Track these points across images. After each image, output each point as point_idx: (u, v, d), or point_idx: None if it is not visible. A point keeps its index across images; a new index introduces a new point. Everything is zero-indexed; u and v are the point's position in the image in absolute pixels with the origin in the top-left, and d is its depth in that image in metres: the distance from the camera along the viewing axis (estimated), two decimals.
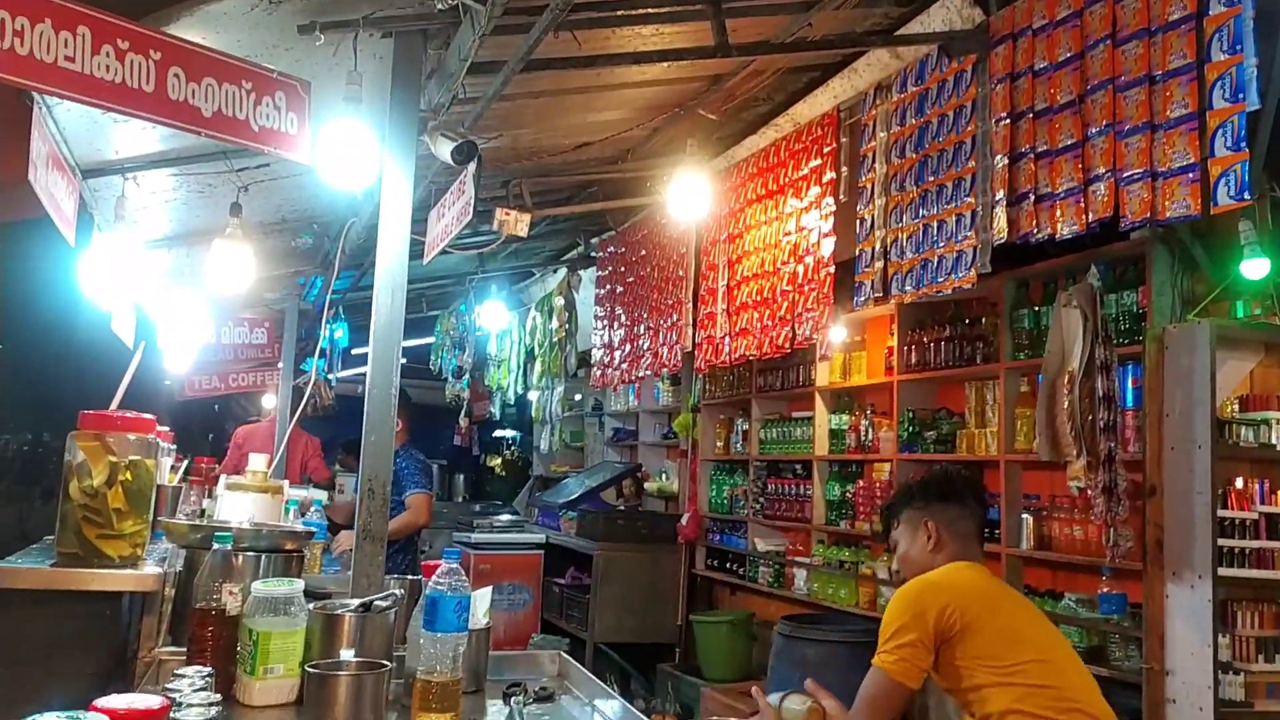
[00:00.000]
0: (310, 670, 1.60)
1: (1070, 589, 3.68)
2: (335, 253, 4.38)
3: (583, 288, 6.57)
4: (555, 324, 6.46)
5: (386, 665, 1.64)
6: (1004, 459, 3.89)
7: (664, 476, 7.36)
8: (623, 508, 7.26)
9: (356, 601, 2.00)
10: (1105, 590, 3.39)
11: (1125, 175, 2.49)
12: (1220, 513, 2.85)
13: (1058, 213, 2.67)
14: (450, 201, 2.93)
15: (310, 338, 7.96)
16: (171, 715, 1.32)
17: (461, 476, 10.90)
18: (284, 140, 2.19)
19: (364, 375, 7.65)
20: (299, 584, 1.98)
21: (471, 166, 2.54)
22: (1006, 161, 2.83)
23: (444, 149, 2.48)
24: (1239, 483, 2.99)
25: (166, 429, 3.78)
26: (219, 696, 1.39)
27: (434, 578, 1.92)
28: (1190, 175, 2.32)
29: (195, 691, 1.44)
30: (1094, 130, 2.61)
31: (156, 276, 4.70)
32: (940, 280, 3.02)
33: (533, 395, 8.07)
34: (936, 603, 2.06)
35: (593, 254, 6.30)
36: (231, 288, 3.66)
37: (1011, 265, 3.75)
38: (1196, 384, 2.88)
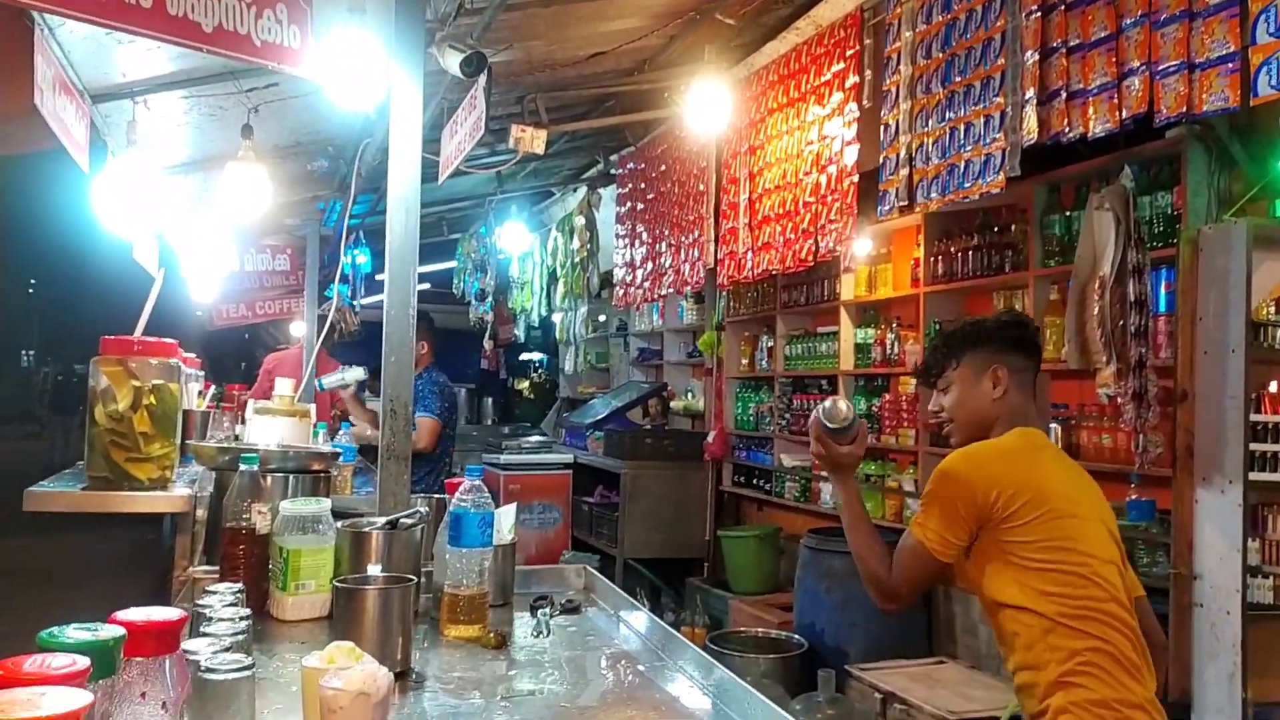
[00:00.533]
0: (338, 585, 1.62)
1: None
2: (351, 176, 4.34)
3: (603, 206, 6.49)
4: (576, 244, 6.40)
5: (412, 579, 1.66)
6: None
7: (690, 395, 7.38)
8: (649, 427, 7.30)
9: (383, 519, 2.03)
10: (1134, 497, 3.37)
11: (1161, 68, 2.38)
12: (1252, 417, 2.81)
13: (1090, 110, 2.57)
14: (462, 118, 2.87)
15: (333, 263, 7.97)
16: (202, 629, 1.35)
17: (490, 399, 11.01)
18: (287, 55, 2.14)
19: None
20: (326, 503, 2.01)
21: (481, 79, 2.47)
22: (1037, 58, 2.71)
23: (452, 61, 2.41)
24: (1272, 386, 2.93)
25: (194, 356, 3.83)
26: (248, 611, 1.41)
27: (457, 495, 1.94)
28: (1229, 65, 2.21)
29: (226, 606, 1.46)
30: (1128, 21, 2.49)
31: (174, 204, 4.69)
32: (967, 186, 2.93)
33: (557, 317, 8.07)
34: (986, 484, 1.91)
35: (612, 171, 6.20)
36: (247, 212, 3.64)
37: (1041, 169, 3.65)
38: (1231, 286, 2.81)
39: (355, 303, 8.33)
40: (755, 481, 5.92)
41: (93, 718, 0.64)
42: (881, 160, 3.36)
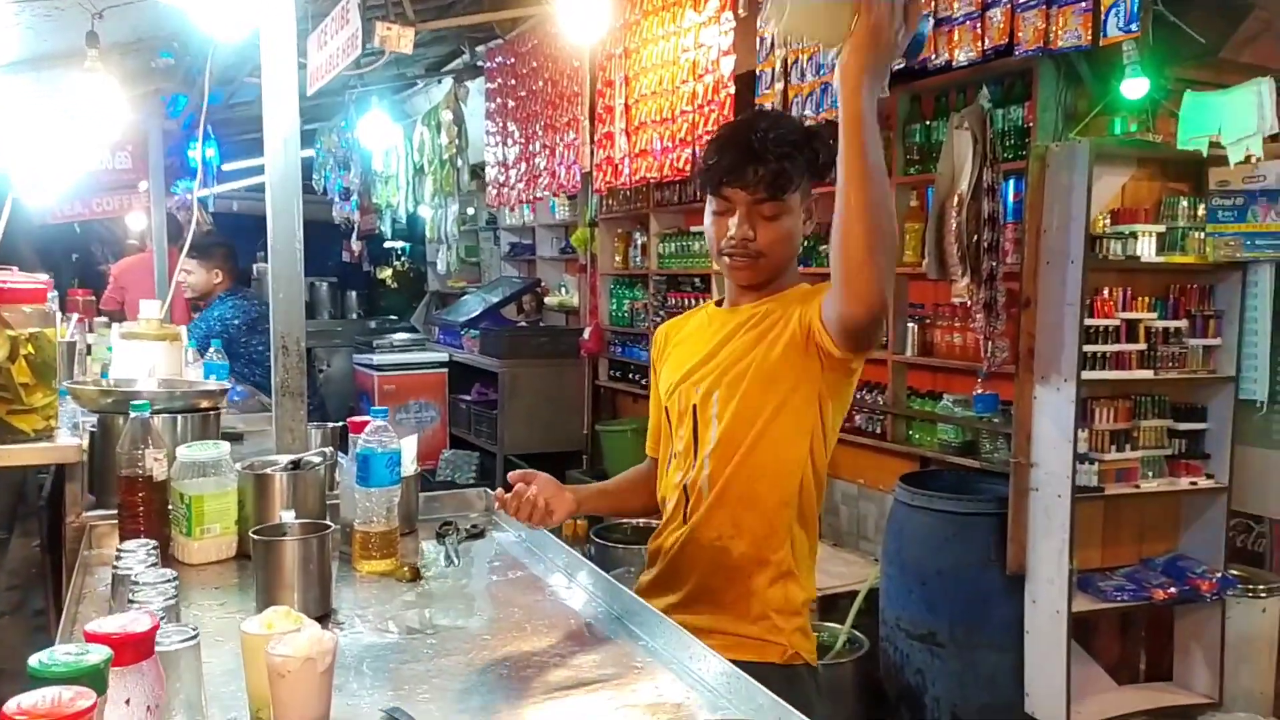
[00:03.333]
0: (256, 537, 1.65)
1: (949, 390, 3.99)
2: (204, 74, 4.07)
3: (470, 98, 6.31)
4: (445, 140, 6.23)
5: (330, 526, 1.71)
6: None
7: (564, 290, 7.42)
8: (524, 324, 7.34)
9: (285, 459, 2.04)
10: (980, 391, 3.69)
11: (1021, 1, 2.51)
12: (1086, 321, 3.10)
13: (955, 37, 2.70)
14: (333, 30, 2.75)
15: (177, 155, 7.48)
16: (131, 597, 1.37)
17: (354, 293, 10.75)
18: None
19: (238, 192, 7.30)
20: (225, 446, 2.00)
21: None
22: None
23: None
24: (1105, 292, 3.24)
25: (44, 276, 3.60)
26: (175, 574, 1.43)
27: (364, 435, 1.96)
28: (1083, 4, 2.36)
29: (147, 568, 1.49)
30: None
31: (3, 105, 4.31)
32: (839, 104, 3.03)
33: (424, 211, 7.88)
34: None
35: (479, 63, 6.01)
36: (98, 122, 3.40)
37: (904, 80, 3.79)
38: (1074, 201, 3.04)
39: (207, 196, 7.90)
40: (631, 376, 6.09)
41: None
42: (758, 73, 3.42)
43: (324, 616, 1.67)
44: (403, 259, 11.05)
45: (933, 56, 2.74)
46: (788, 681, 1.35)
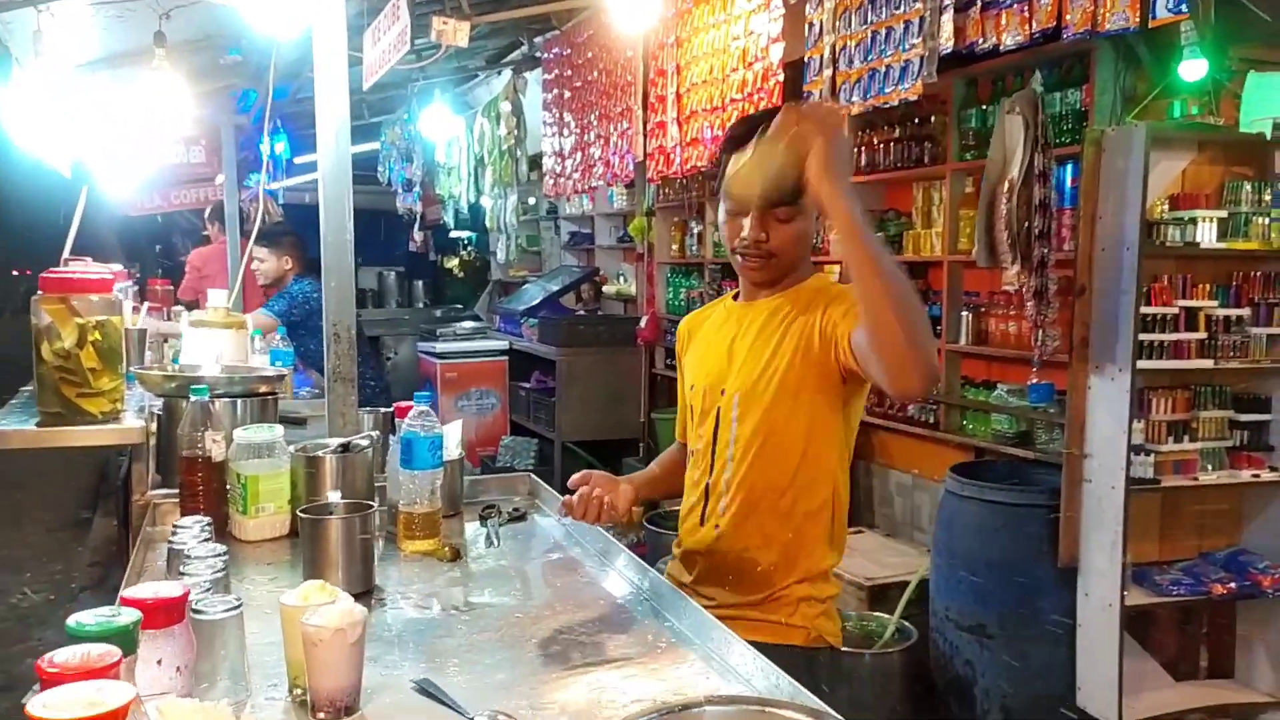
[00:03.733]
0: (303, 516, 1.73)
1: (1003, 379, 3.93)
2: (269, 69, 4.21)
3: (529, 89, 6.38)
4: (504, 131, 6.31)
5: (373, 506, 1.78)
6: (947, 259, 4.03)
7: (621, 279, 7.47)
8: (582, 312, 7.41)
9: (336, 442, 2.13)
10: (1034, 381, 3.63)
11: None
12: (1143, 309, 3.03)
13: (1003, 20, 2.66)
14: (385, 26, 2.83)
15: (249, 148, 7.73)
16: (181, 570, 1.46)
17: (420, 283, 10.95)
18: None
19: (310, 184, 7.46)
20: (278, 429, 2.10)
21: None
22: None
23: None
24: (1164, 280, 3.16)
25: (123, 269, 3.78)
26: (224, 548, 1.51)
27: (407, 420, 2.04)
28: None
29: (201, 543, 1.57)
30: None
31: (82, 102, 4.51)
32: (887, 91, 3.02)
33: (486, 201, 8.02)
34: None
35: (537, 54, 6.07)
36: (165, 119, 3.55)
37: (959, 64, 3.73)
38: (1130, 187, 2.97)
39: (276, 189, 8.13)
40: None
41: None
42: (806, 60, 3.41)
43: (367, 592, 1.74)
44: (468, 249, 11.23)
45: (979, 40, 2.71)
46: (807, 664, 1.38)
